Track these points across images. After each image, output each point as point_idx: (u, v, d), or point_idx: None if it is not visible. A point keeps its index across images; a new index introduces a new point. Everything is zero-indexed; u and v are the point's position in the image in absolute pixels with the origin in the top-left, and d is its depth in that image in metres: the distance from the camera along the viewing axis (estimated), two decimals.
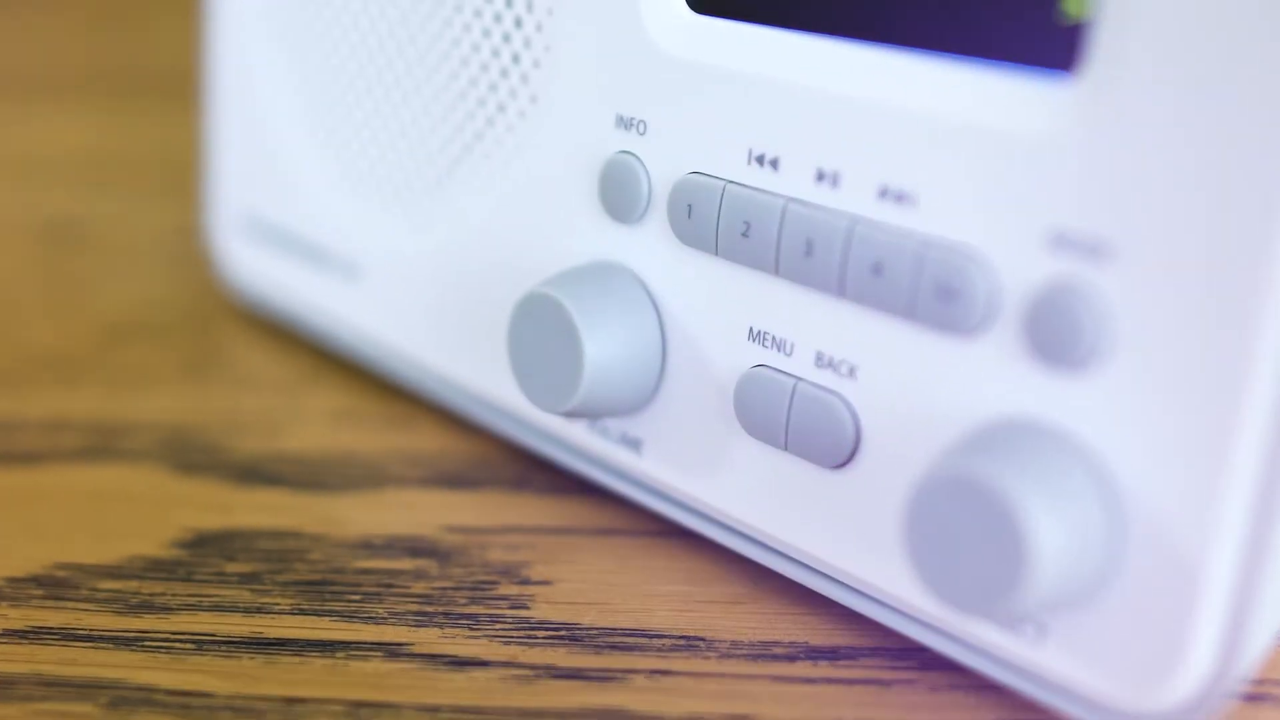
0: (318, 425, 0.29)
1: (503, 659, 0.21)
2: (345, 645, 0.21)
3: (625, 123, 0.22)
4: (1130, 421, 0.17)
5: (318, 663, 0.21)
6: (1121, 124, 0.16)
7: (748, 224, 0.20)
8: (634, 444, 0.23)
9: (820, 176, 0.20)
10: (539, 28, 0.23)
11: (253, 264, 0.32)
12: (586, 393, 0.21)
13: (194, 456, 0.27)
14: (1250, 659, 0.18)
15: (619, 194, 0.22)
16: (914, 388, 0.19)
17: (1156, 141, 0.16)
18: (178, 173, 0.41)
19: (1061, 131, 0.17)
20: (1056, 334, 0.17)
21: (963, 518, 0.17)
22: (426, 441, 0.28)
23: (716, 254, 0.21)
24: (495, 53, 0.24)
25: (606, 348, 0.22)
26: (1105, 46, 0.16)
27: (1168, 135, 0.16)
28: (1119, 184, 0.16)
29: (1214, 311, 0.16)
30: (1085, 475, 0.17)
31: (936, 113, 0.18)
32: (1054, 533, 0.17)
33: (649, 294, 0.22)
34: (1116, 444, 0.17)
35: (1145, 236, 0.16)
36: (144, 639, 0.21)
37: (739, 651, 0.21)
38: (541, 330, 0.22)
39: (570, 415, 0.22)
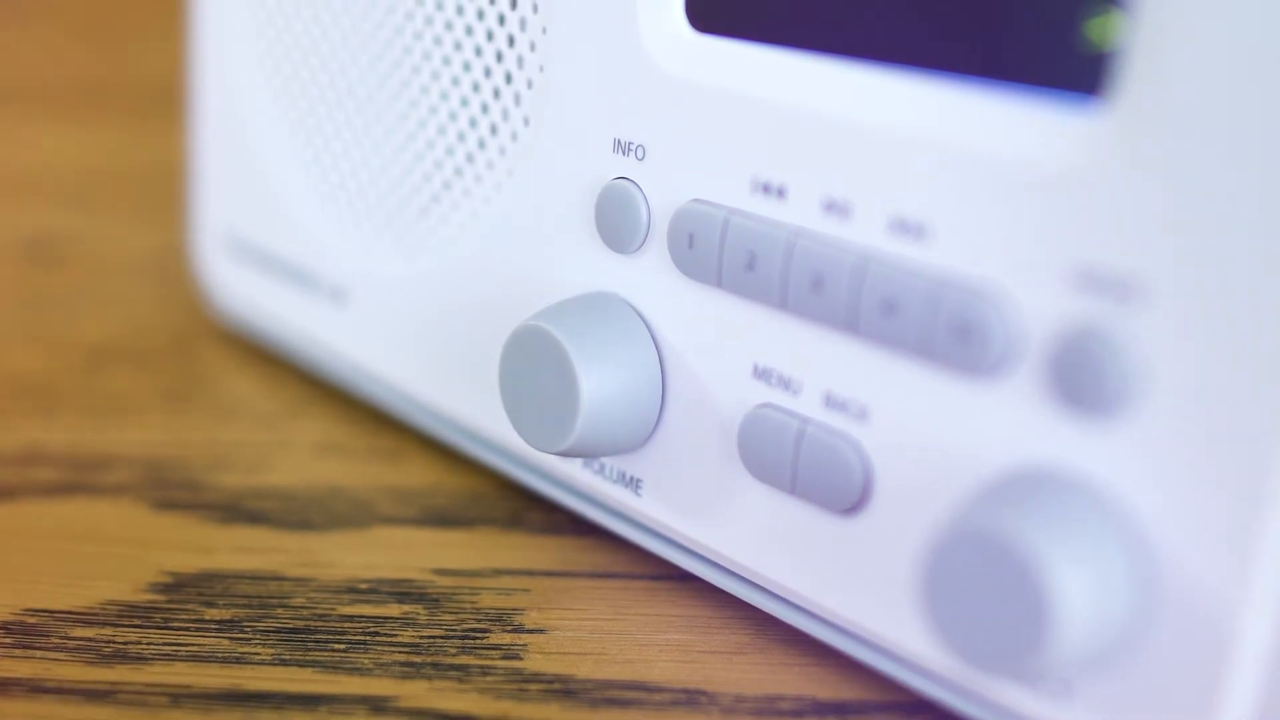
0: (303, 459, 0.27)
1: (494, 715, 0.20)
2: (327, 699, 0.20)
3: (623, 147, 0.21)
4: (1161, 471, 0.16)
5: (298, 718, 0.20)
6: (1154, 154, 0.15)
7: (752, 255, 0.19)
8: (633, 483, 0.22)
9: (829, 207, 0.18)
10: (532, 47, 0.22)
11: (238, 286, 0.31)
12: (583, 431, 0.20)
13: (174, 493, 0.26)
14: None
15: (616, 222, 0.21)
16: (929, 431, 0.18)
17: (1192, 173, 0.15)
18: (162, 190, 0.40)
19: (1089, 162, 0.16)
20: (1083, 377, 0.16)
21: (982, 574, 0.16)
22: (416, 477, 0.27)
23: (719, 286, 0.20)
24: (487, 72, 0.23)
25: (603, 385, 0.20)
26: (1138, 72, 0.15)
27: (1204, 167, 0.15)
28: (1151, 219, 0.15)
29: (1252, 355, 0.15)
30: (1112, 528, 0.16)
31: (952, 140, 0.17)
32: (1079, 590, 0.16)
33: (648, 328, 0.21)
34: (1146, 494, 0.16)
35: (1180, 275, 0.15)
36: (117, 691, 0.20)
37: (743, 706, 0.20)
38: (535, 366, 0.21)
39: (566, 454, 0.21)
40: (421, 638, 0.22)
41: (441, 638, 0.22)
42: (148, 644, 0.21)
